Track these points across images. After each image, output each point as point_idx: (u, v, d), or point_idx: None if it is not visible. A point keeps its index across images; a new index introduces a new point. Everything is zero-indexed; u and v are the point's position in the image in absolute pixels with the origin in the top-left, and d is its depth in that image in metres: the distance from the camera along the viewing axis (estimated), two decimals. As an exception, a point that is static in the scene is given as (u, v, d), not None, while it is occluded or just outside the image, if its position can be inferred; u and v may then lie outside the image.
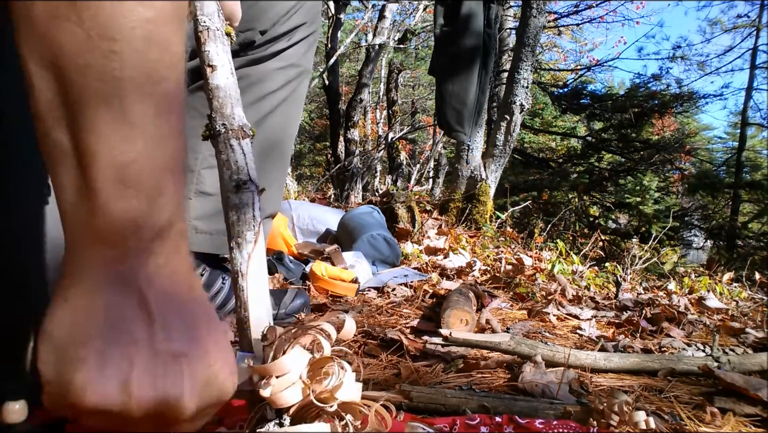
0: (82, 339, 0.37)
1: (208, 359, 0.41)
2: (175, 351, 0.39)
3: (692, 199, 9.64)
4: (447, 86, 3.02)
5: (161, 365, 0.38)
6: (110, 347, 0.37)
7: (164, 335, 0.38)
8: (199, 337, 0.41)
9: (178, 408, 0.39)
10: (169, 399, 0.38)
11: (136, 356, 0.37)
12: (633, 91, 9.13)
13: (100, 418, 0.38)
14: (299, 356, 0.49)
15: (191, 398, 0.39)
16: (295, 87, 1.17)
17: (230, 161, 0.58)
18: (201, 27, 0.61)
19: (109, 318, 0.37)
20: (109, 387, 0.36)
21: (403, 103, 11.67)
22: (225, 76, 0.61)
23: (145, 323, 0.38)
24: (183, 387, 0.38)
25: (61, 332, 0.37)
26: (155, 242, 0.39)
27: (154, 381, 0.37)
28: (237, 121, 0.60)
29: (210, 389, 0.41)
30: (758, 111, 10.74)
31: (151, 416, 0.38)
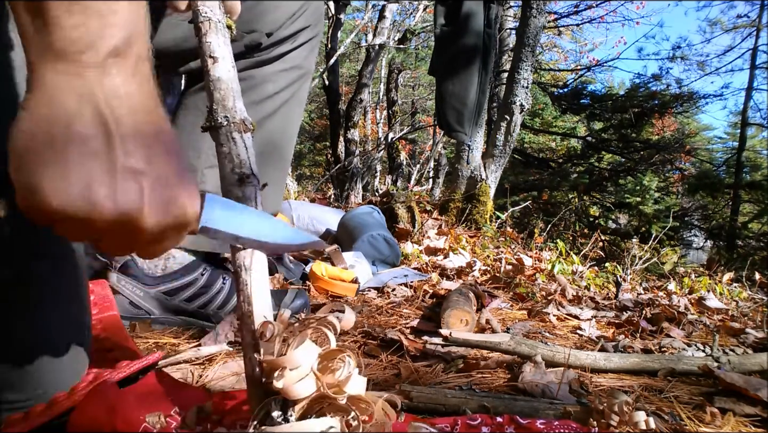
0: (44, 147, 0.39)
1: (166, 180, 0.43)
2: (134, 168, 0.41)
3: (692, 200, 9.64)
4: (447, 86, 3.02)
5: (120, 180, 0.41)
6: (71, 157, 0.39)
7: (123, 152, 0.41)
8: (158, 158, 0.43)
9: (138, 221, 0.42)
10: (128, 211, 0.41)
11: (96, 168, 0.40)
12: (633, 92, 9.13)
13: (69, 225, 0.41)
14: (310, 348, 0.49)
15: (150, 213, 0.42)
16: (297, 89, 1.17)
17: (232, 154, 0.58)
18: (202, 18, 0.61)
19: (69, 129, 0.39)
20: (71, 194, 0.39)
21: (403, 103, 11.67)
22: (226, 69, 0.61)
23: (104, 137, 0.40)
24: (142, 202, 0.41)
25: (25, 141, 0.39)
26: (110, 61, 0.41)
27: (114, 193, 0.40)
28: (239, 114, 0.59)
29: (169, 208, 0.44)
30: (758, 111, 10.76)
31: (114, 226, 0.41)
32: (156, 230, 0.43)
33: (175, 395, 0.68)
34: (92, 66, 0.40)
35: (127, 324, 1.07)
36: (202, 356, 0.97)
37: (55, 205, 0.39)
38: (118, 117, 0.41)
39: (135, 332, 1.07)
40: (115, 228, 0.41)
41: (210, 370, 0.91)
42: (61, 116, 0.39)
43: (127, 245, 0.45)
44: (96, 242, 0.44)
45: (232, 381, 0.87)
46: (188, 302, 1.13)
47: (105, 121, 0.40)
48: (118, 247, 0.45)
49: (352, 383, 0.50)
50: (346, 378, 0.49)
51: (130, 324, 1.09)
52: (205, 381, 0.87)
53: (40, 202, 0.39)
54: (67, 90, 0.40)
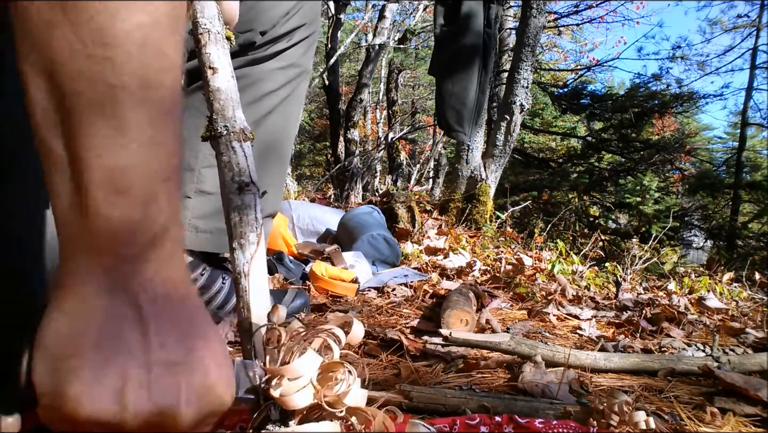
0: (76, 350, 0.36)
1: (204, 369, 0.40)
2: (170, 361, 0.38)
3: (692, 200, 9.64)
4: (447, 86, 3.02)
5: (156, 376, 0.37)
6: (105, 358, 0.36)
7: (159, 345, 0.38)
8: (194, 346, 0.40)
9: (175, 419, 0.38)
10: (165, 410, 0.37)
11: (131, 366, 0.37)
12: (633, 91, 9.13)
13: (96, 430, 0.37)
14: (312, 359, 0.49)
15: (188, 408, 0.38)
16: (295, 87, 1.17)
17: (232, 163, 0.59)
18: (202, 29, 0.62)
19: (103, 328, 0.37)
20: (104, 399, 0.36)
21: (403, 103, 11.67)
22: (226, 79, 0.61)
23: (139, 332, 0.37)
24: (179, 398, 0.38)
25: (55, 342, 0.37)
26: (149, 249, 0.39)
27: (150, 392, 0.37)
28: (238, 123, 0.60)
29: (207, 399, 0.40)
30: (758, 111, 10.75)
31: (148, 427, 0.37)
32: (193, 423, 0.40)
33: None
34: (130, 257, 0.38)
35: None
36: (202, 356, 0.97)
37: (86, 413, 0.35)
38: (153, 308, 0.38)
39: (135, 332, 1.07)
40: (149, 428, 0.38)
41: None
42: (95, 313, 0.37)
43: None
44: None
45: (232, 381, 0.87)
46: (188, 301, 1.13)
47: (140, 314, 0.38)
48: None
49: (352, 395, 0.50)
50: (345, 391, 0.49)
51: (130, 324, 1.08)
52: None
53: (68, 410, 0.35)
54: (100, 285, 0.37)
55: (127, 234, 0.37)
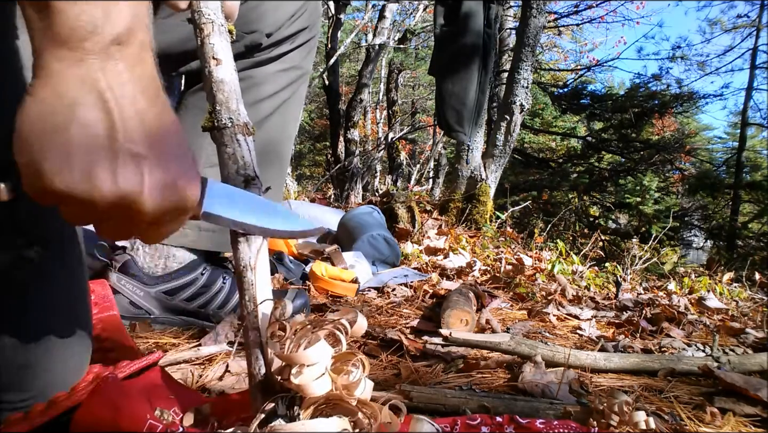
0: (47, 131, 0.40)
1: (167, 165, 0.45)
2: (134, 152, 0.42)
3: (692, 200, 9.64)
4: (447, 86, 3.02)
5: (121, 164, 0.42)
6: (73, 141, 0.41)
7: (124, 137, 0.42)
8: (159, 143, 0.44)
9: (138, 204, 0.43)
10: (128, 194, 0.42)
11: (97, 151, 0.41)
12: (633, 91, 9.13)
13: (73, 207, 0.43)
14: (325, 348, 0.50)
15: (150, 196, 0.43)
16: (296, 89, 1.18)
17: (237, 156, 0.58)
18: (205, 20, 0.61)
19: (72, 114, 0.41)
20: (74, 177, 0.41)
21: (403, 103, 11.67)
22: (229, 71, 0.61)
23: (105, 123, 0.42)
24: (142, 186, 0.43)
25: (29, 125, 0.41)
26: (113, 48, 0.42)
27: (114, 176, 0.42)
28: (242, 117, 0.60)
29: (169, 192, 0.45)
30: (758, 111, 10.75)
31: (114, 208, 0.43)
32: (156, 213, 0.45)
33: (175, 395, 0.68)
34: (95, 53, 0.41)
35: (127, 324, 1.07)
36: (202, 356, 0.97)
37: (58, 187, 0.41)
38: (120, 102, 0.42)
39: (135, 332, 1.07)
40: (115, 210, 0.43)
41: (210, 370, 0.91)
42: (65, 101, 0.41)
43: (127, 229, 0.46)
44: (98, 225, 0.46)
45: (232, 381, 0.87)
46: (188, 301, 1.13)
47: (107, 106, 0.42)
48: (119, 231, 0.46)
49: (361, 387, 0.50)
50: (358, 381, 0.50)
51: (130, 324, 1.09)
52: (204, 381, 0.87)
53: (44, 183, 0.41)
54: (70, 76, 0.41)
55: (89, 30, 0.40)
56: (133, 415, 0.59)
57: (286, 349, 0.50)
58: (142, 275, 1.10)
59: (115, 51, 0.42)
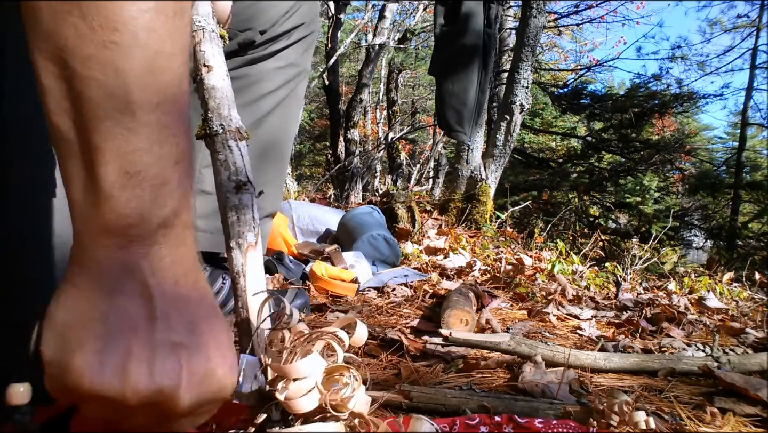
0: (83, 323, 0.37)
1: (207, 353, 0.41)
2: (174, 342, 0.39)
3: (692, 199, 9.64)
4: (447, 86, 3.02)
5: (159, 356, 0.38)
6: (110, 334, 0.37)
7: (164, 326, 0.39)
8: (199, 330, 0.41)
9: (174, 399, 0.39)
10: (165, 389, 0.38)
11: (135, 343, 0.37)
12: (633, 91, 9.13)
13: (98, 405, 0.38)
14: (317, 361, 0.48)
15: (188, 390, 0.39)
16: (294, 87, 1.17)
17: (228, 162, 0.58)
18: (196, 27, 0.61)
19: (111, 305, 0.38)
20: (107, 372, 0.36)
21: (403, 103, 11.67)
22: (221, 78, 0.61)
23: (146, 312, 0.38)
24: (180, 378, 0.38)
25: (64, 315, 0.38)
26: (159, 232, 0.39)
27: (152, 370, 0.37)
28: (234, 123, 0.60)
29: (208, 383, 0.41)
30: (758, 111, 10.75)
31: (147, 405, 0.38)
32: (192, 407, 0.40)
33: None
34: (140, 238, 0.39)
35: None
36: (202, 356, 0.97)
37: (88, 385, 0.36)
38: (162, 289, 0.39)
39: (135, 332, 1.07)
40: (147, 408, 0.38)
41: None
42: (105, 290, 0.38)
43: (158, 423, 0.41)
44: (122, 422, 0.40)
45: (232, 381, 0.87)
46: (188, 301, 1.13)
47: (149, 293, 0.39)
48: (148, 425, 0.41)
49: (356, 400, 0.49)
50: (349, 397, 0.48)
51: (129, 324, 1.08)
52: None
53: (72, 380, 0.37)
54: (113, 264, 0.38)
55: (137, 216, 0.38)
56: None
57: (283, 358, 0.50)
58: (141, 275, 1.10)
59: (160, 237, 0.40)
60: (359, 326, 0.53)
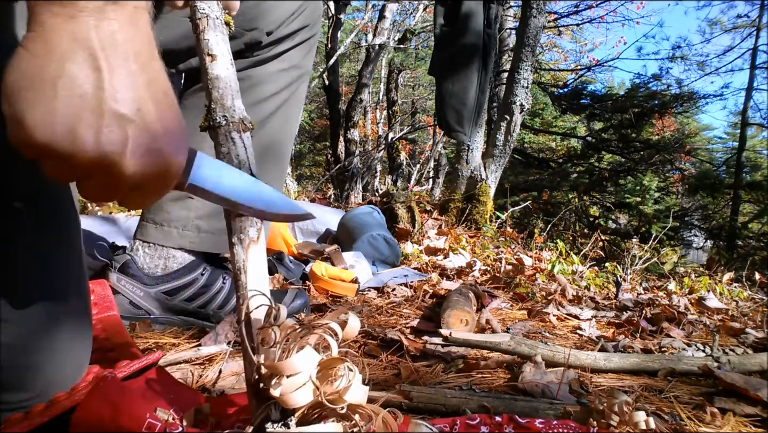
0: (35, 83, 0.40)
1: (153, 133, 0.44)
2: (120, 113, 0.42)
3: (692, 200, 9.64)
4: (447, 86, 3.02)
5: (106, 123, 0.41)
6: (58, 97, 0.40)
7: (112, 97, 0.42)
8: (147, 108, 0.44)
9: (119, 165, 0.43)
10: (109, 153, 0.42)
11: (83, 108, 0.41)
12: (633, 92, 9.13)
13: (54, 163, 0.42)
14: (310, 356, 0.48)
15: (131, 158, 0.43)
16: (296, 89, 1.18)
17: (231, 155, 0.57)
18: (200, 14, 0.60)
19: (62, 69, 0.40)
20: (57, 131, 0.40)
21: (403, 103, 11.67)
22: (225, 67, 0.59)
23: (94, 81, 0.41)
24: (125, 148, 0.42)
25: (18, 76, 0.41)
26: (109, 6, 0.42)
27: (98, 136, 0.41)
28: (238, 113, 0.58)
29: (153, 158, 0.44)
30: (758, 111, 10.76)
31: (96, 167, 0.42)
32: (137, 177, 0.44)
33: (174, 394, 0.68)
34: (89, 10, 0.41)
35: (127, 324, 1.07)
36: (202, 356, 0.97)
37: (40, 139, 0.40)
38: (111, 62, 0.42)
39: (135, 332, 1.07)
40: (96, 170, 0.43)
41: (210, 370, 0.91)
42: (55, 56, 0.40)
43: (109, 191, 0.45)
44: (80, 184, 0.45)
45: (232, 381, 0.87)
46: (188, 301, 1.13)
47: (98, 65, 0.41)
48: (100, 192, 0.46)
49: (353, 391, 0.49)
50: (346, 388, 0.48)
51: (130, 324, 1.09)
52: (204, 381, 0.87)
53: (26, 134, 0.40)
54: (63, 32, 0.40)
55: None
56: (132, 415, 0.59)
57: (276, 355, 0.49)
58: (142, 275, 1.10)
59: (110, 9, 0.42)
60: (351, 317, 0.53)
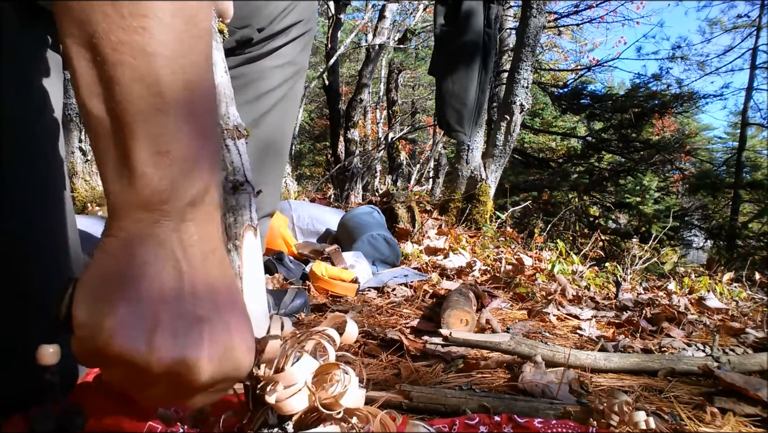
0: (116, 288, 0.39)
1: (229, 330, 0.42)
2: (199, 316, 0.40)
3: (692, 199, 9.64)
4: (447, 86, 3.02)
5: (185, 327, 0.40)
6: (141, 300, 0.39)
7: (191, 299, 0.40)
8: (223, 308, 0.42)
9: (195, 371, 0.40)
10: (187, 360, 0.39)
11: (163, 312, 0.39)
12: (633, 92, 9.13)
13: (121, 370, 0.40)
14: (307, 363, 0.48)
15: (209, 363, 0.40)
16: (292, 85, 1.17)
17: (226, 162, 0.57)
18: None
19: (143, 273, 0.39)
20: (135, 337, 0.38)
21: (403, 103, 11.66)
22: (219, 75, 0.59)
23: (175, 283, 0.40)
24: (202, 351, 0.40)
25: (98, 279, 0.40)
26: (189, 209, 0.41)
27: (176, 340, 0.39)
28: (232, 120, 0.58)
29: (228, 359, 0.42)
30: (758, 111, 10.76)
31: (168, 374, 0.39)
32: (209, 381, 0.41)
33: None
34: (171, 214, 0.40)
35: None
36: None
37: (117, 347, 0.38)
38: (191, 263, 0.41)
39: (135, 332, 1.07)
40: (167, 377, 0.40)
41: (210, 370, 0.91)
42: (138, 260, 0.39)
43: (175, 395, 0.43)
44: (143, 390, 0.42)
45: (232, 381, 0.87)
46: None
47: (179, 267, 0.40)
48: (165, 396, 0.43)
49: (350, 396, 0.49)
50: (341, 393, 0.48)
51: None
52: (204, 381, 0.87)
53: (101, 342, 0.38)
54: (146, 237, 0.40)
55: (169, 193, 0.40)
56: (133, 415, 0.59)
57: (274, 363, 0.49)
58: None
59: (189, 211, 0.41)
60: (349, 323, 0.53)
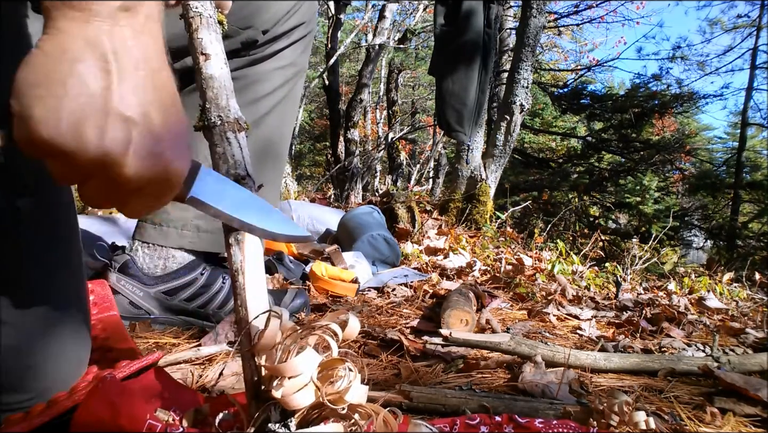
0: (44, 81, 0.41)
1: (157, 136, 0.45)
2: (126, 116, 0.43)
3: (692, 199, 9.64)
4: (447, 86, 3.02)
5: (110, 123, 0.43)
6: (68, 95, 0.41)
7: (119, 99, 0.43)
8: (153, 113, 0.45)
9: (120, 166, 0.43)
10: (111, 153, 0.43)
11: (89, 107, 0.42)
12: (633, 92, 9.13)
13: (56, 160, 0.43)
14: (311, 356, 0.48)
15: (133, 160, 0.43)
16: (292, 87, 1.17)
17: (227, 155, 0.56)
18: (192, 12, 0.59)
19: (71, 70, 0.42)
20: (61, 127, 0.41)
21: (403, 103, 11.67)
22: (219, 66, 0.58)
23: (103, 82, 0.43)
24: (127, 148, 0.43)
25: (30, 74, 0.42)
26: (122, 14, 0.43)
27: (102, 134, 0.42)
28: (233, 113, 0.57)
29: (154, 162, 0.45)
30: (758, 111, 10.75)
31: (97, 166, 0.43)
32: (137, 180, 0.45)
33: (174, 395, 0.68)
34: (102, 16, 0.43)
35: (127, 324, 1.07)
36: (202, 356, 0.97)
37: (45, 135, 0.41)
38: (121, 66, 0.43)
39: (135, 332, 1.07)
40: (98, 169, 0.43)
41: (210, 370, 0.91)
42: (67, 57, 0.42)
43: (108, 194, 0.46)
44: (81, 186, 0.46)
45: (232, 381, 0.87)
46: (188, 301, 1.13)
47: (108, 68, 0.43)
48: (100, 195, 0.46)
49: (353, 392, 0.49)
50: (346, 388, 0.48)
51: (130, 324, 1.09)
52: (204, 381, 0.87)
53: (32, 130, 0.41)
54: (77, 35, 0.42)
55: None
56: (132, 415, 0.59)
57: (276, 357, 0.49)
58: (141, 275, 1.10)
59: (122, 17, 0.43)
60: (351, 318, 0.53)
